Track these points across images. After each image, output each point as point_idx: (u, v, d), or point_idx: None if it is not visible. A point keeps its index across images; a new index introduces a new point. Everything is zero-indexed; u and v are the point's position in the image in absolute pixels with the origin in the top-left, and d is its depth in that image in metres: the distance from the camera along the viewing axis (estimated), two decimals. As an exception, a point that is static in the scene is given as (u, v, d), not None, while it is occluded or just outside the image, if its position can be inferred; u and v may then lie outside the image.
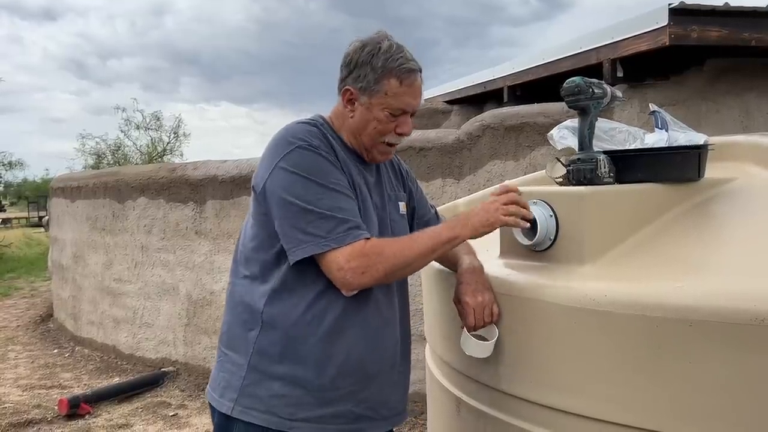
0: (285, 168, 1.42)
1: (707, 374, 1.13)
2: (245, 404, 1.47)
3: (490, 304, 1.47)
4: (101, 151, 23.72)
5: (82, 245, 6.67)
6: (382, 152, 1.56)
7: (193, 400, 4.76)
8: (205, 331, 5.28)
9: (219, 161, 5.39)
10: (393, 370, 1.57)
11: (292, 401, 1.45)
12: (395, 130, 1.52)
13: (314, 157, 1.43)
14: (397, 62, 1.47)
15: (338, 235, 1.37)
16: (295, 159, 1.42)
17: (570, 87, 1.52)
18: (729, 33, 4.02)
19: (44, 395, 4.95)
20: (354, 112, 1.52)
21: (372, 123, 1.50)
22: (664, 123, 1.67)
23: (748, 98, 4.27)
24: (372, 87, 1.48)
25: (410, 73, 1.49)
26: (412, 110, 1.53)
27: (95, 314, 6.40)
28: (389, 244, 1.43)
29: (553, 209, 1.44)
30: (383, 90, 1.47)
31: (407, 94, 1.49)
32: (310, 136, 1.46)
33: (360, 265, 1.37)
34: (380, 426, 1.56)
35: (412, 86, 1.50)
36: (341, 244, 1.37)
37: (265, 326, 1.48)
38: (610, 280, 1.31)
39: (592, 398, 1.27)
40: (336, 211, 1.39)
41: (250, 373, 1.48)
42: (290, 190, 1.41)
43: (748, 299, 1.10)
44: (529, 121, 4.11)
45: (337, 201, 1.41)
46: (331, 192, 1.41)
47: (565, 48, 5.19)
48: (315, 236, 1.38)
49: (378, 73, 1.47)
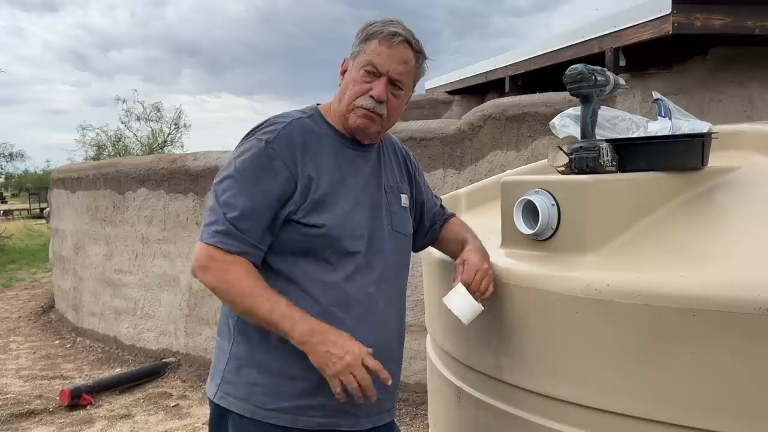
0: (235, 150, 1.49)
1: (710, 364, 1.12)
2: (226, 390, 1.49)
3: (489, 274, 1.47)
4: (102, 143, 23.76)
5: (82, 236, 6.67)
6: (357, 117, 1.50)
7: (195, 390, 4.77)
8: (206, 321, 5.28)
9: (219, 152, 5.38)
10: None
11: (268, 390, 1.45)
12: (368, 92, 1.48)
13: (257, 155, 1.44)
14: (383, 27, 1.49)
15: (210, 231, 1.41)
16: (241, 148, 1.48)
17: (572, 74, 1.51)
18: (732, 21, 3.99)
19: (46, 386, 4.96)
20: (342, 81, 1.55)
21: (350, 84, 1.50)
22: (668, 111, 1.65)
23: (752, 87, 4.24)
24: (356, 50, 1.51)
25: (392, 35, 1.47)
26: (386, 72, 1.47)
27: (96, 305, 6.41)
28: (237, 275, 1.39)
29: (555, 198, 1.43)
30: (364, 50, 1.49)
31: (384, 54, 1.47)
32: (272, 131, 1.47)
33: (204, 261, 1.41)
34: (360, 423, 1.51)
35: (391, 47, 1.47)
36: (204, 242, 1.41)
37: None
38: (612, 269, 1.30)
39: (593, 388, 1.27)
40: (228, 209, 1.40)
41: (232, 359, 1.50)
42: (221, 172, 1.48)
43: (752, 288, 1.09)
44: (531, 111, 4.08)
45: (240, 202, 1.41)
46: (242, 191, 1.42)
47: (567, 37, 5.16)
48: (205, 221, 1.45)
49: (363, 38, 1.50)
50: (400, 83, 1.50)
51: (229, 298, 1.42)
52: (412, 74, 1.53)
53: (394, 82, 1.49)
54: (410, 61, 1.50)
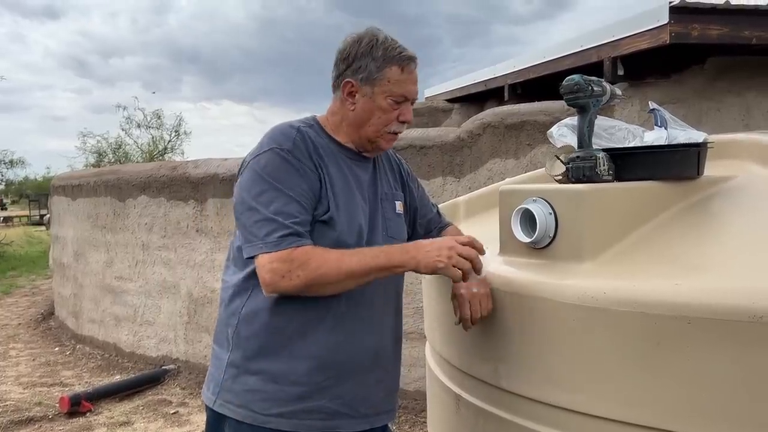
0: (252, 167, 1.47)
1: (706, 371, 1.13)
2: (224, 398, 1.51)
3: (485, 297, 1.48)
4: (102, 150, 23.77)
5: (83, 243, 6.68)
6: (387, 141, 1.58)
7: (194, 397, 4.77)
8: (206, 329, 5.28)
9: (220, 159, 5.40)
10: (377, 367, 1.57)
11: (267, 396, 1.47)
12: (398, 118, 1.54)
13: (279, 160, 1.45)
14: (397, 51, 1.51)
15: (274, 239, 1.39)
16: (262, 160, 1.46)
17: (569, 85, 1.52)
18: (730, 31, 4.01)
19: (45, 393, 4.96)
20: (355, 105, 1.54)
21: (376, 113, 1.52)
22: (664, 121, 1.67)
23: (749, 96, 4.26)
24: (374, 76, 1.50)
25: (410, 60, 1.53)
26: (413, 98, 1.56)
27: (96, 312, 6.41)
28: (318, 255, 1.39)
29: (553, 207, 1.44)
30: (386, 78, 1.50)
31: (408, 81, 1.53)
32: (284, 139, 1.49)
33: (281, 268, 1.37)
34: (360, 424, 1.54)
35: (412, 73, 1.54)
36: (274, 249, 1.38)
37: (243, 322, 1.51)
38: (609, 277, 1.31)
39: (591, 395, 1.28)
40: (281, 216, 1.40)
41: (229, 367, 1.52)
42: (249, 188, 1.45)
43: (747, 297, 1.10)
44: (530, 120, 4.10)
45: (287, 206, 1.42)
46: (284, 196, 1.42)
47: (566, 46, 5.19)
48: (255, 237, 1.41)
49: (380, 62, 1.50)
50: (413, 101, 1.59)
51: (325, 281, 1.40)
52: None
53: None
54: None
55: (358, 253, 1.42)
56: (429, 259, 1.39)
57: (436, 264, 1.39)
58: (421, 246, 1.43)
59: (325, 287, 1.42)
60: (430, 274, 1.43)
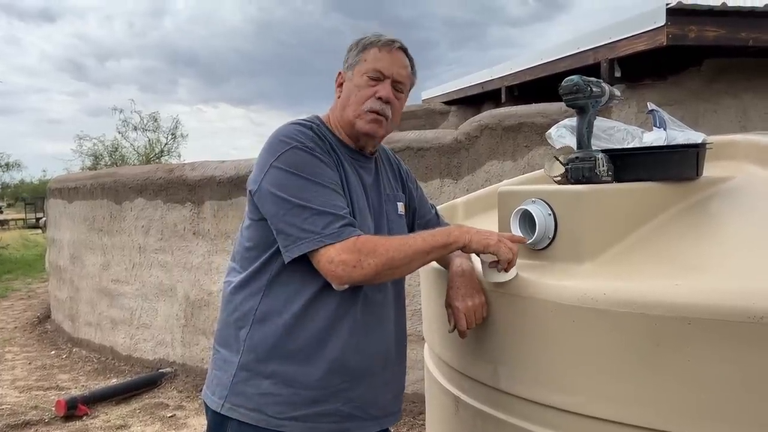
0: (279, 167, 1.43)
1: (706, 372, 1.13)
2: (234, 402, 1.48)
3: (480, 307, 1.48)
4: (99, 153, 23.69)
5: (79, 246, 6.66)
6: (367, 121, 1.53)
7: (191, 401, 4.76)
8: (203, 331, 5.27)
9: (217, 162, 5.39)
10: (385, 370, 1.57)
11: (281, 400, 1.45)
12: (375, 94, 1.52)
13: (308, 156, 1.44)
14: (378, 37, 1.55)
15: (334, 230, 1.37)
16: (290, 158, 1.43)
17: (568, 85, 1.52)
18: (726, 33, 4.03)
19: (41, 396, 4.93)
20: (341, 92, 1.57)
21: (353, 91, 1.54)
22: (663, 122, 1.67)
23: (746, 98, 4.27)
24: (354, 61, 1.55)
25: (390, 42, 1.54)
26: (390, 75, 1.53)
27: (93, 315, 6.39)
28: (383, 241, 1.41)
29: (552, 208, 1.44)
30: (363, 59, 1.53)
31: (385, 59, 1.53)
32: (303, 136, 1.47)
33: (351, 258, 1.36)
34: (369, 426, 1.55)
35: (391, 53, 1.54)
36: (337, 240, 1.36)
37: (257, 324, 1.48)
38: (608, 278, 1.31)
39: (590, 397, 1.27)
40: (331, 208, 1.39)
41: (240, 370, 1.49)
42: (285, 188, 1.41)
43: (746, 297, 1.10)
44: (527, 121, 4.11)
45: (332, 198, 1.41)
46: (325, 189, 1.41)
47: (563, 48, 5.20)
48: (311, 232, 1.37)
49: (360, 49, 1.55)
50: (402, 86, 1.57)
51: (394, 265, 1.39)
52: (409, 79, 1.60)
53: (396, 84, 1.55)
54: (408, 66, 1.58)
55: (417, 236, 1.44)
56: (480, 237, 1.41)
57: (488, 241, 1.40)
58: (471, 228, 1.44)
59: (394, 271, 1.41)
60: (480, 252, 1.42)
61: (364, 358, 1.51)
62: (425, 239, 1.41)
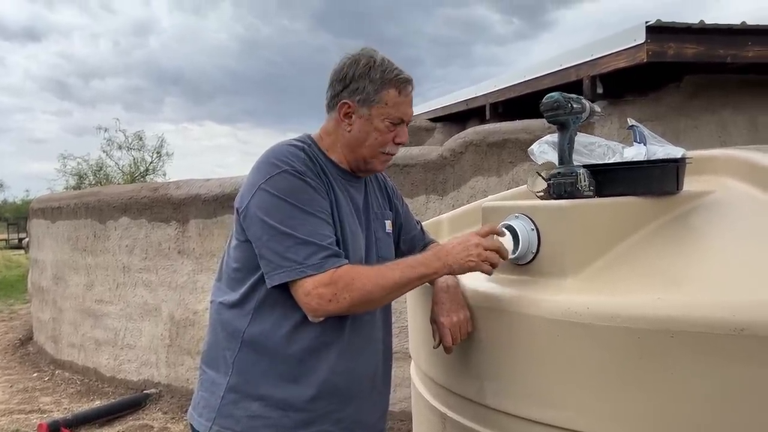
0: (268, 191, 1.41)
1: (689, 385, 1.14)
2: (223, 424, 1.46)
3: (465, 322, 1.48)
4: (83, 172, 23.58)
5: (62, 266, 6.58)
6: (382, 162, 1.58)
7: (176, 422, 4.69)
8: (188, 351, 5.21)
9: (202, 180, 5.37)
10: (373, 390, 1.57)
11: (270, 422, 1.43)
12: (394, 139, 1.54)
13: (297, 181, 1.42)
14: (394, 73, 1.51)
15: (315, 261, 1.36)
16: (279, 183, 1.41)
17: (549, 102, 1.54)
18: (705, 50, 4.10)
19: (23, 420, 4.84)
20: (352, 126, 1.52)
21: (373, 134, 1.52)
22: (643, 137, 1.69)
23: (725, 114, 4.35)
24: (372, 98, 1.49)
25: (407, 82, 1.53)
26: (408, 119, 1.56)
27: (76, 336, 6.30)
28: (361, 274, 1.39)
29: (535, 223, 1.45)
30: (383, 100, 1.50)
31: (405, 104, 1.53)
32: (295, 159, 1.46)
33: (326, 292, 1.35)
34: None
35: (409, 96, 1.55)
36: (318, 272, 1.36)
37: (245, 346, 1.47)
38: (591, 292, 1.31)
39: (575, 411, 1.27)
40: (316, 237, 1.38)
41: (229, 392, 1.47)
42: (271, 213, 1.40)
43: (728, 309, 1.11)
44: (511, 138, 4.14)
45: (318, 227, 1.40)
46: (312, 217, 1.40)
47: (546, 65, 5.26)
48: (293, 261, 1.36)
49: (377, 85, 1.49)
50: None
51: (370, 299, 1.39)
52: None
53: None
54: None
55: (395, 267, 1.42)
56: (461, 261, 1.40)
57: (468, 264, 1.40)
58: (450, 249, 1.43)
59: (369, 304, 1.42)
60: (465, 273, 1.44)
61: (353, 380, 1.51)
62: (403, 272, 1.40)
